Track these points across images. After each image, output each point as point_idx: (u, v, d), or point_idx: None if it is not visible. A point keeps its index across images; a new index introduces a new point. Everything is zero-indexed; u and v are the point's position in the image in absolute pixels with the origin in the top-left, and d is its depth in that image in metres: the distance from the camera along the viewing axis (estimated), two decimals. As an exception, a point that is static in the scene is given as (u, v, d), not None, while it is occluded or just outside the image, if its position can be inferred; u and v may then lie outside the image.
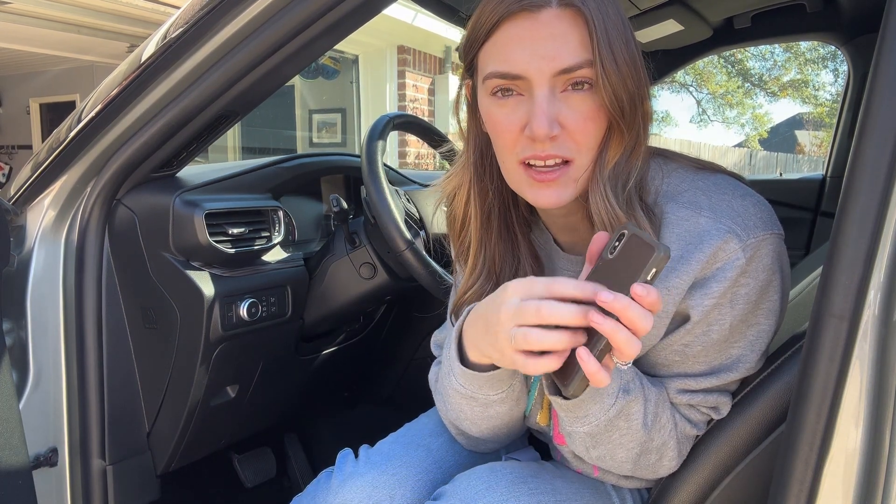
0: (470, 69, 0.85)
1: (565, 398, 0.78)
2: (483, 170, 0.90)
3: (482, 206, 0.91)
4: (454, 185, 0.95)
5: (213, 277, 1.32)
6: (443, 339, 1.12)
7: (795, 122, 24.49)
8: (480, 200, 0.91)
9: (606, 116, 0.78)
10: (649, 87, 0.81)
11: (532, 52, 0.75)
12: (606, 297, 0.63)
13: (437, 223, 1.58)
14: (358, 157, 1.78)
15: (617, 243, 0.68)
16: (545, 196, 0.80)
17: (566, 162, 0.79)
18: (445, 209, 1.03)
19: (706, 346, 0.81)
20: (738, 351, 0.82)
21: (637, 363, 0.86)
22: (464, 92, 0.91)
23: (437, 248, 1.50)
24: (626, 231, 0.68)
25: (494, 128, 0.82)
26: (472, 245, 0.93)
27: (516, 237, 0.93)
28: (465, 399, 0.88)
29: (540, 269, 0.94)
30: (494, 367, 0.83)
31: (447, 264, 1.32)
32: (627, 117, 0.77)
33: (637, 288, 0.63)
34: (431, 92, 7.53)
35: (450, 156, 1.62)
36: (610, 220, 0.78)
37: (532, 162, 0.80)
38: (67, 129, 1.24)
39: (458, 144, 0.99)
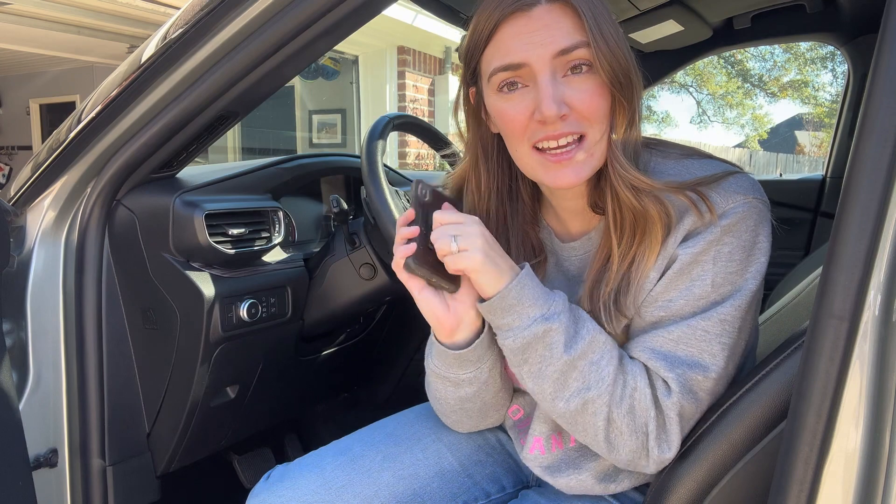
0: (474, 76, 0.90)
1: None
2: (486, 171, 0.96)
3: (486, 205, 0.97)
4: (459, 176, 1.01)
5: (214, 278, 1.32)
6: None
7: (795, 123, 24.50)
8: (479, 199, 0.97)
9: (609, 93, 0.83)
10: (635, 64, 0.86)
11: (529, 41, 0.81)
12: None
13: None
14: (358, 157, 1.78)
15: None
16: (563, 176, 0.84)
17: (579, 138, 0.84)
18: None
19: (688, 300, 0.84)
20: (712, 303, 0.84)
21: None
22: (463, 95, 0.95)
23: None
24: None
25: (504, 121, 0.86)
26: None
27: (510, 233, 0.98)
28: (439, 379, 0.97)
29: (536, 259, 0.98)
30: (465, 347, 0.91)
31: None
32: (626, 91, 0.84)
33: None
34: (431, 92, 7.53)
35: (449, 156, 1.62)
36: (629, 184, 0.83)
37: (544, 145, 0.84)
38: (67, 130, 1.24)
39: (459, 145, 1.02)
